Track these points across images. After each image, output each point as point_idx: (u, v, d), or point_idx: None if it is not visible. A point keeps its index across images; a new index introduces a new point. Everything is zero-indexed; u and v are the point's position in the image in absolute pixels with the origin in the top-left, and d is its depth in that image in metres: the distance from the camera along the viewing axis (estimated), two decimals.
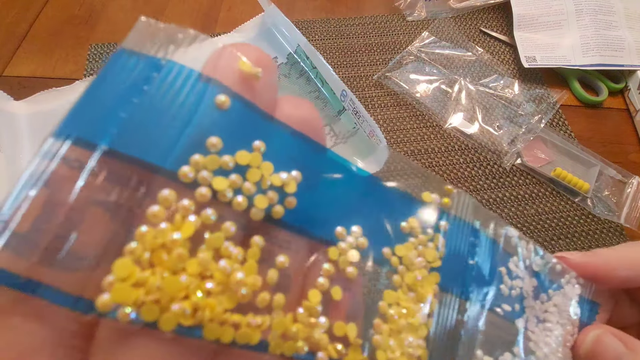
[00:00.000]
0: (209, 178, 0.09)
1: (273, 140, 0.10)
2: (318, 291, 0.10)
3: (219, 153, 0.09)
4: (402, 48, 0.50)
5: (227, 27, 0.51)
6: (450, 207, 0.13)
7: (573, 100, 0.48)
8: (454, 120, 0.45)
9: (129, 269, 0.08)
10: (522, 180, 0.42)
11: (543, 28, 0.50)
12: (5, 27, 0.51)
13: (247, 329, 0.08)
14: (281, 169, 0.10)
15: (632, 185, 0.41)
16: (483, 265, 0.13)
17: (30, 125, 0.42)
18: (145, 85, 0.09)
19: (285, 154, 0.10)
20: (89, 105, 0.09)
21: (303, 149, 0.10)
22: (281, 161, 0.10)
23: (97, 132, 0.09)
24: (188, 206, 0.08)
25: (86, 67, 0.48)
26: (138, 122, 0.09)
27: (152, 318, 0.08)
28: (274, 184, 0.10)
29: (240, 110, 0.09)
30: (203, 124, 0.09)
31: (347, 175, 0.11)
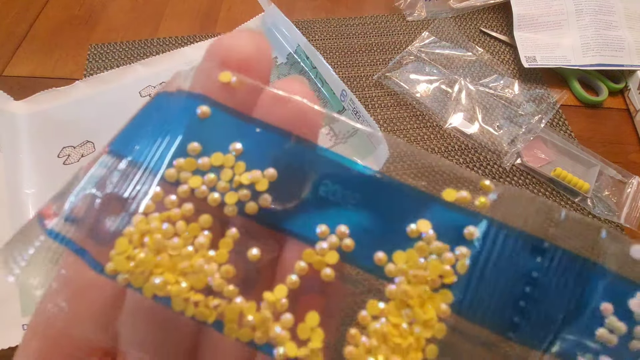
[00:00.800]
0: (188, 178, 0.10)
1: (250, 141, 0.11)
2: (285, 287, 0.10)
3: (199, 156, 0.11)
4: (402, 48, 0.50)
5: (227, 27, 0.51)
6: (489, 209, 0.10)
7: (573, 100, 0.48)
8: (454, 120, 0.45)
9: (125, 246, 0.10)
10: (522, 180, 0.42)
11: (543, 28, 0.50)
12: (5, 27, 0.51)
13: (204, 308, 0.10)
14: (257, 168, 0.10)
15: (632, 185, 0.41)
16: (550, 295, 0.10)
17: (30, 125, 0.42)
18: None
19: (261, 152, 0.10)
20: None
21: (282, 146, 0.11)
22: (257, 160, 0.10)
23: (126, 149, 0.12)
24: (174, 201, 0.10)
25: (86, 67, 0.48)
26: (134, 133, 0.12)
27: (138, 285, 0.10)
28: (243, 183, 0.10)
29: (219, 116, 0.11)
30: (187, 132, 0.11)
31: (337, 171, 0.11)
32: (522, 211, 0.10)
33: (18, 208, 0.37)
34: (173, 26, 0.52)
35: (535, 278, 0.10)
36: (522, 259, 0.10)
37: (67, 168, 0.40)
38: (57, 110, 0.44)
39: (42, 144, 0.41)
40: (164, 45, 0.50)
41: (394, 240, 0.10)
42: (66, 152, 0.41)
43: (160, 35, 0.51)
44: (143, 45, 0.50)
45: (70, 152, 0.41)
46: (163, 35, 0.51)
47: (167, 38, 0.50)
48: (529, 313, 0.10)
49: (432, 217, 0.10)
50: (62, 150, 0.41)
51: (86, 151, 0.41)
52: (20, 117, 0.43)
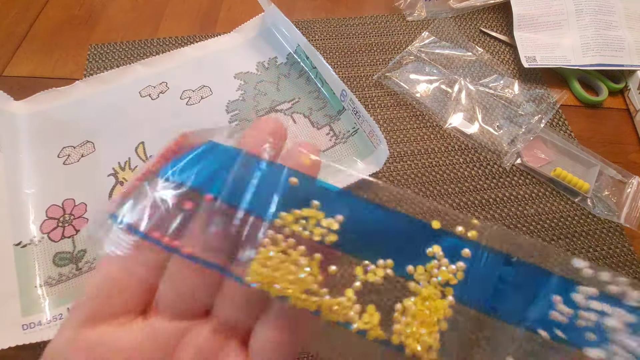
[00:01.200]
0: (290, 224, 0.16)
1: (324, 198, 0.16)
2: (352, 290, 0.16)
3: (295, 208, 0.16)
4: (402, 48, 0.50)
5: (227, 27, 0.51)
6: (478, 238, 0.16)
7: (573, 100, 0.48)
8: (454, 120, 0.45)
9: (257, 266, 0.15)
10: (522, 180, 0.42)
11: (543, 28, 0.50)
12: (5, 27, 0.51)
13: (309, 302, 0.15)
14: (331, 214, 0.16)
15: (632, 185, 0.41)
16: (511, 289, 0.16)
17: (30, 125, 0.42)
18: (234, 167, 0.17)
19: (333, 205, 0.16)
20: (197, 165, 0.17)
21: (346, 201, 0.16)
22: (331, 210, 0.16)
23: (207, 185, 0.16)
24: (282, 238, 0.15)
25: (86, 67, 0.48)
26: (238, 187, 0.16)
27: (266, 289, 0.15)
28: (323, 225, 0.16)
29: (304, 182, 0.16)
30: (286, 195, 0.16)
31: (380, 214, 0.17)
32: (499, 239, 0.16)
33: (18, 208, 0.37)
34: (173, 26, 0.52)
35: (506, 279, 0.15)
36: (498, 268, 0.16)
37: (67, 168, 0.40)
38: (57, 110, 0.44)
39: (42, 144, 0.41)
40: (164, 45, 0.50)
41: (419, 258, 0.16)
42: (66, 152, 0.41)
43: (160, 35, 0.51)
44: (143, 45, 0.50)
45: (70, 152, 0.41)
46: (163, 35, 0.51)
47: (167, 38, 0.50)
48: (503, 301, 0.15)
49: (442, 242, 0.16)
50: (62, 150, 0.41)
51: (86, 151, 0.41)
52: (20, 117, 0.43)
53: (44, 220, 0.37)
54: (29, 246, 0.36)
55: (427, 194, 0.40)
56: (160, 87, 0.45)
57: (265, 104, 0.45)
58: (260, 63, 0.48)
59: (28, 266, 0.35)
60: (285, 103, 0.45)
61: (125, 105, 0.44)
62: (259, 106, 0.44)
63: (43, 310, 0.33)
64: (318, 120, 0.44)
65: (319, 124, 0.43)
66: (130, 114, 0.43)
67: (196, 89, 0.45)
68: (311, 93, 0.46)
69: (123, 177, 0.40)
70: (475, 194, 0.41)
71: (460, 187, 0.41)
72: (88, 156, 0.41)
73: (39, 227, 0.37)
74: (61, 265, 0.35)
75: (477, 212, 0.39)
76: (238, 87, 0.46)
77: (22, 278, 0.34)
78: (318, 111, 0.44)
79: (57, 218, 0.37)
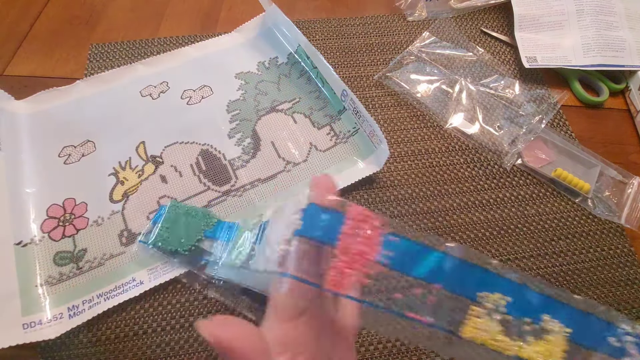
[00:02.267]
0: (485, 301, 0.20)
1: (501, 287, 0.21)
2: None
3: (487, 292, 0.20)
4: (402, 48, 0.50)
5: (228, 27, 0.51)
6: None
7: (574, 101, 0.48)
8: (455, 121, 0.45)
9: (471, 328, 0.19)
10: (522, 180, 0.42)
11: (544, 28, 0.50)
12: (6, 27, 0.51)
13: (509, 348, 0.20)
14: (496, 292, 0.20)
15: (633, 186, 0.40)
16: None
17: (31, 125, 0.42)
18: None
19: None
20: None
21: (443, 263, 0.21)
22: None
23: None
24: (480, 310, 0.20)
25: (87, 66, 0.48)
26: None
27: (480, 342, 0.20)
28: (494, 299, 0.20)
29: (457, 265, 0.21)
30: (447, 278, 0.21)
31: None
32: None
33: (19, 207, 0.37)
34: (174, 26, 0.52)
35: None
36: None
37: (68, 167, 0.40)
38: (57, 109, 0.44)
39: (42, 144, 0.41)
40: (164, 44, 0.50)
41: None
42: (67, 151, 0.41)
43: (161, 35, 0.51)
44: (144, 44, 0.50)
45: (71, 152, 0.41)
46: (163, 35, 0.51)
47: (167, 38, 0.50)
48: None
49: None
50: (63, 149, 0.41)
51: (87, 150, 0.41)
52: (21, 117, 0.43)
53: (45, 220, 0.37)
54: (29, 245, 0.36)
55: (427, 194, 0.40)
56: (161, 87, 0.45)
57: (266, 103, 0.45)
58: (261, 63, 0.48)
59: (28, 265, 0.35)
60: (286, 103, 0.45)
61: (126, 105, 0.44)
62: (260, 106, 0.44)
63: (43, 310, 0.33)
64: (319, 120, 0.44)
65: (319, 124, 0.43)
66: (131, 114, 0.43)
67: (197, 88, 0.45)
68: (312, 93, 0.46)
69: (124, 176, 0.40)
70: (475, 194, 0.41)
71: (460, 187, 0.41)
72: (89, 156, 0.41)
73: (40, 227, 0.37)
74: (62, 265, 0.35)
75: (477, 213, 0.39)
76: (239, 86, 0.46)
77: (23, 277, 0.34)
78: (319, 111, 0.44)
79: (57, 217, 0.37)
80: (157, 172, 0.40)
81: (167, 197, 0.39)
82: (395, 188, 0.41)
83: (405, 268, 0.20)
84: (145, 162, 0.41)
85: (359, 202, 0.40)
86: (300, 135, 0.42)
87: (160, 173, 0.40)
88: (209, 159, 0.41)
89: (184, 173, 0.40)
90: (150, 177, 0.40)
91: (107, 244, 0.36)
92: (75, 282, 0.34)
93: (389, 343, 0.33)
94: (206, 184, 0.39)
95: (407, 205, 0.40)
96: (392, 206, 0.40)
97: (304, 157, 0.41)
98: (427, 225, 0.39)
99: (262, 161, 0.41)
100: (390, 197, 0.40)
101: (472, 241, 0.38)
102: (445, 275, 0.21)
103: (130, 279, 0.35)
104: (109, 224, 0.37)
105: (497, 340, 0.20)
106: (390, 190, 0.41)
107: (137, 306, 0.34)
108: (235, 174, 0.40)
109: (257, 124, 0.43)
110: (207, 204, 0.38)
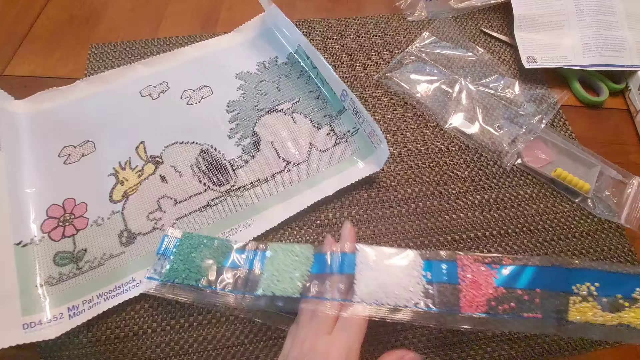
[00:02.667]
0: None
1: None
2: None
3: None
4: (402, 48, 0.50)
5: (228, 27, 0.51)
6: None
7: (574, 101, 0.48)
8: (455, 121, 0.45)
9: (580, 306, 0.28)
10: (522, 180, 0.42)
11: (544, 28, 0.50)
12: (6, 27, 0.51)
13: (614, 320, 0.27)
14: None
15: (633, 186, 0.40)
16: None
17: (31, 125, 0.42)
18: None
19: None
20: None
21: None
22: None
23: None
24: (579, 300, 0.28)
25: (87, 66, 0.48)
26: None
27: (584, 320, 0.27)
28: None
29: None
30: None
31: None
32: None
33: (18, 207, 0.37)
34: (174, 26, 0.52)
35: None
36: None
37: (68, 167, 0.40)
38: (57, 109, 0.44)
39: (42, 143, 0.41)
40: (164, 44, 0.50)
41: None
42: (67, 151, 0.41)
43: (161, 35, 0.51)
44: (144, 44, 0.50)
45: (71, 152, 0.41)
46: (163, 35, 0.51)
47: (167, 38, 0.50)
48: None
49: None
50: (63, 149, 0.41)
51: (87, 151, 0.41)
52: (21, 117, 0.43)
53: (45, 220, 0.37)
54: (29, 245, 0.36)
55: (427, 194, 0.40)
56: (161, 87, 0.45)
57: (266, 103, 0.45)
58: (261, 63, 0.48)
59: (28, 265, 0.35)
60: (286, 103, 0.45)
61: (126, 105, 0.44)
62: (260, 106, 0.44)
63: (43, 310, 0.33)
64: (318, 120, 0.44)
65: (319, 124, 0.43)
66: (131, 114, 0.43)
67: (197, 88, 0.45)
68: (312, 93, 0.46)
69: (123, 176, 0.40)
70: (475, 194, 0.41)
71: (460, 187, 0.41)
72: (89, 156, 0.41)
73: (40, 227, 0.37)
74: (62, 265, 0.35)
75: (477, 212, 0.39)
76: (239, 86, 0.46)
77: (23, 277, 0.34)
78: (318, 111, 0.44)
79: (57, 217, 0.37)
80: (157, 172, 0.40)
81: (167, 197, 0.39)
82: (395, 188, 0.41)
83: (512, 284, 0.28)
84: (145, 162, 0.41)
85: (359, 202, 0.40)
86: (300, 135, 0.43)
87: (160, 173, 0.40)
88: (208, 159, 0.41)
89: (184, 173, 0.40)
90: (150, 177, 0.40)
91: (107, 244, 0.36)
92: (75, 282, 0.34)
93: (389, 343, 0.33)
94: (206, 184, 0.39)
95: (407, 205, 0.40)
96: (392, 206, 0.40)
97: (304, 157, 0.41)
98: (427, 225, 0.39)
99: (262, 161, 0.41)
100: (390, 197, 0.40)
101: (472, 241, 0.38)
102: (541, 281, 0.28)
103: (130, 279, 0.35)
104: (109, 224, 0.37)
105: (598, 316, 0.27)
106: (390, 190, 0.41)
107: (137, 306, 0.34)
108: (235, 174, 0.40)
109: (257, 124, 0.43)
110: (207, 203, 0.38)
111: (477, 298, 0.28)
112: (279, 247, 0.33)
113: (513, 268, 0.29)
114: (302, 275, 0.31)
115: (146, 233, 0.37)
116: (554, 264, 0.28)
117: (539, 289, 0.28)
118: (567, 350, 0.33)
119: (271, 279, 0.31)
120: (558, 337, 0.33)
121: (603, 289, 0.27)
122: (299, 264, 0.31)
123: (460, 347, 0.33)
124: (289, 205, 0.38)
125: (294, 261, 0.31)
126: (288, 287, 0.30)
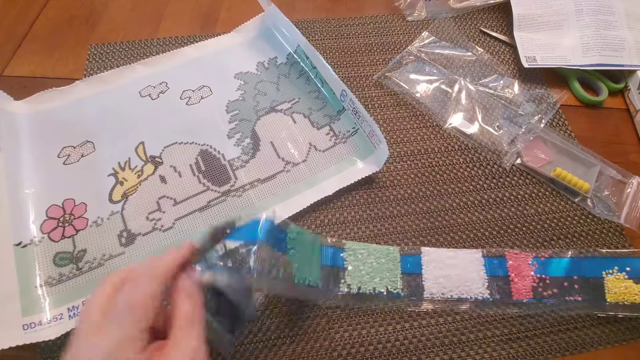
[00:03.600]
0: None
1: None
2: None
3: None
4: (402, 48, 0.50)
5: (227, 27, 0.51)
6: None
7: (573, 100, 0.48)
8: (454, 120, 0.45)
9: (615, 288, 0.35)
10: (522, 180, 0.42)
11: (543, 28, 0.50)
12: (5, 27, 0.51)
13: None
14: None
15: (632, 185, 0.41)
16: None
17: (30, 125, 0.42)
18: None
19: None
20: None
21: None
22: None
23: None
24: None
25: (86, 67, 0.48)
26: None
27: (620, 300, 0.34)
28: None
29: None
30: None
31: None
32: None
33: (18, 208, 0.37)
34: (173, 26, 0.52)
35: None
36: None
37: (67, 168, 0.40)
38: (57, 110, 0.44)
39: (42, 144, 0.41)
40: (164, 45, 0.50)
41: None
42: (66, 152, 0.41)
43: (160, 35, 0.51)
44: (143, 45, 0.50)
45: (71, 152, 0.41)
46: (163, 35, 0.51)
47: (167, 38, 0.50)
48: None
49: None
50: (62, 150, 0.41)
51: (86, 151, 0.41)
52: (21, 117, 0.43)
53: (44, 220, 0.37)
54: (29, 246, 0.36)
55: (426, 193, 0.40)
56: (160, 87, 0.45)
57: (265, 104, 0.45)
58: (260, 63, 0.48)
59: (28, 266, 0.35)
60: (285, 103, 0.45)
61: (125, 105, 0.44)
62: (259, 106, 0.44)
63: (43, 310, 0.33)
64: (318, 120, 0.44)
65: (318, 124, 0.43)
66: (130, 114, 0.43)
67: (196, 89, 0.45)
68: (311, 93, 0.46)
69: (123, 177, 0.40)
70: (475, 194, 0.41)
71: (460, 187, 0.41)
72: (88, 156, 0.41)
73: (39, 227, 0.37)
74: (61, 265, 0.35)
75: (477, 212, 0.39)
76: (238, 87, 0.46)
77: (23, 278, 0.34)
78: (318, 111, 0.44)
79: (57, 218, 0.37)
80: (156, 173, 0.40)
81: (166, 197, 0.39)
82: (394, 188, 0.41)
83: (552, 273, 0.34)
84: (145, 163, 0.41)
85: (359, 202, 0.40)
86: (299, 136, 0.43)
87: (160, 173, 0.40)
88: (208, 159, 0.41)
89: (184, 173, 0.40)
90: (149, 178, 0.40)
91: (107, 245, 0.36)
92: (75, 283, 0.34)
93: (389, 343, 0.33)
94: (205, 184, 0.39)
95: (406, 205, 0.40)
96: (392, 206, 0.40)
97: (304, 157, 0.41)
98: (426, 225, 0.39)
99: (261, 161, 0.41)
100: (390, 197, 0.40)
101: (472, 241, 0.38)
102: (576, 269, 0.34)
103: None
104: (109, 225, 0.37)
105: (635, 295, 0.33)
106: (390, 190, 0.41)
107: None
108: (234, 174, 0.40)
109: (257, 124, 0.43)
110: (207, 204, 0.38)
111: (525, 287, 0.34)
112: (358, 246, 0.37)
113: (550, 260, 0.35)
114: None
115: (146, 233, 0.37)
116: (586, 255, 0.35)
117: (576, 276, 0.34)
118: (567, 350, 0.33)
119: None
120: (569, 332, 0.35)
121: (634, 272, 0.34)
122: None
123: (460, 347, 0.33)
124: (289, 205, 0.38)
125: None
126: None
